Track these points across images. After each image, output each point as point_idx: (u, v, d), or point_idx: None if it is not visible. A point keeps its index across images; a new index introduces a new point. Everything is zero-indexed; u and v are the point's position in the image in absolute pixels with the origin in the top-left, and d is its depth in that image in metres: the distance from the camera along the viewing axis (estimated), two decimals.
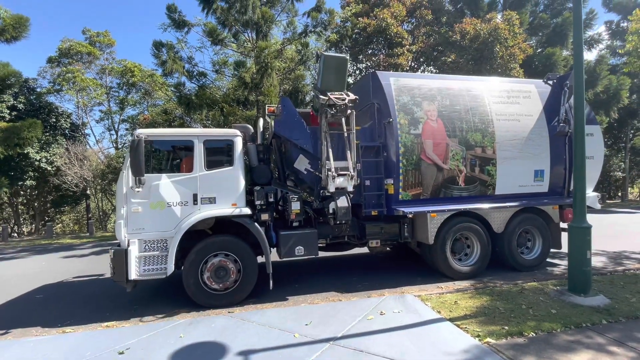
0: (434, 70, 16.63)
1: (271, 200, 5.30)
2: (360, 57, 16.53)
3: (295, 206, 5.24)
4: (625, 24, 22.53)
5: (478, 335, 3.43)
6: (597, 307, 4.08)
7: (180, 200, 4.74)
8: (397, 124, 5.58)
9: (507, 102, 6.28)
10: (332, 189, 5.00)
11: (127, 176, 4.59)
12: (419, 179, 5.69)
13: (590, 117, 6.74)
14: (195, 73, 14.76)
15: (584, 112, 4.72)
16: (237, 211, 4.89)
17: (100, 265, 7.96)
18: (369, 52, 16.25)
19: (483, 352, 3.11)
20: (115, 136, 24.29)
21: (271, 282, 4.89)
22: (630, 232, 9.88)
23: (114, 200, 21.01)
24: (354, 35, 16.01)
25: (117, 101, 23.37)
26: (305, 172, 5.64)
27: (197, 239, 4.85)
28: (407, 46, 15.37)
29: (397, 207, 5.51)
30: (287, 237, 5.14)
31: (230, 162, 5.02)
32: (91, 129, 29.37)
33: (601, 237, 8.32)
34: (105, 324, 4.32)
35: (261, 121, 6.66)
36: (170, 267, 4.57)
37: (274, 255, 5.18)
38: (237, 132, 5.19)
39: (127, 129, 24.39)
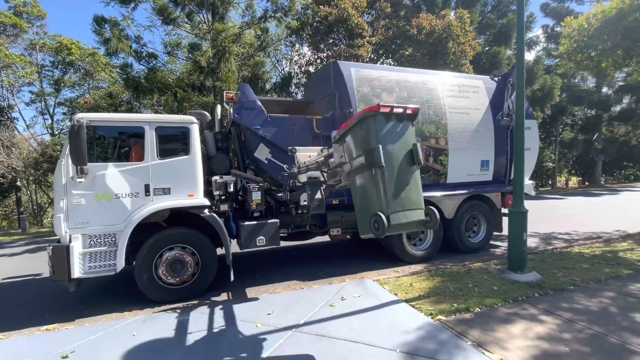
0: (393, 63, 17.09)
1: (231, 190, 5.15)
2: (322, 46, 16.46)
3: (256, 196, 5.15)
4: (559, 29, 24.95)
5: (431, 314, 3.70)
6: (530, 283, 4.59)
7: (131, 192, 4.41)
8: None
9: (459, 96, 6.68)
10: (303, 179, 4.56)
11: (66, 165, 4.17)
12: None
13: (528, 112, 7.41)
14: (144, 54, 13.61)
15: (524, 107, 5.20)
16: (194, 202, 4.68)
17: (36, 264, 7.21)
18: (330, 41, 16.23)
19: (435, 328, 3.36)
20: (50, 121, 21.78)
21: (232, 273, 4.79)
22: (558, 216, 11.17)
23: (51, 193, 18.97)
24: (314, 24, 15.85)
25: (52, 82, 20.82)
26: (266, 162, 5.55)
27: (149, 232, 4.57)
28: (367, 37, 15.58)
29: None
30: (249, 227, 5.05)
31: (186, 151, 4.76)
32: (20, 113, 25.97)
33: (535, 220, 9.29)
34: (45, 327, 3.94)
35: (219, 108, 6.40)
36: (121, 263, 4.27)
37: (234, 247, 5.07)
38: (193, 119, 4.92)
39: (64, 114, 21.85)
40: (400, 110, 3.14)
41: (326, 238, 7.15)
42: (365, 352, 3.01)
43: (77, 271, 4.11)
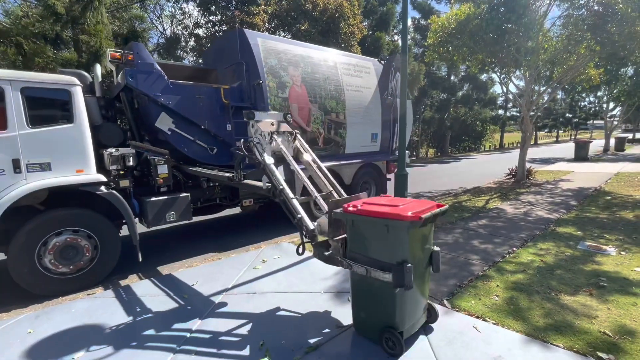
0: (289, 36, 17.14)
1: (130, 164, 4.62)
2: (212, 7, 15.11)
3: (163, 170, 4.76)
4: (424, 22, 29.24)
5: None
6: None
7: None
8: (267, 86, 5.74)
9: (354, 75, 7.43)
10: (268, 153, 3.57)
11: None
12: None
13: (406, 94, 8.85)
14: None
15: (406, 91, 6.28)
16: (87, 179, 4.04)
17: None
18: (222, 4, 15.05)
19: (347, 273, 4.02)
20: None
21: (139, 254, 4.42)
22: (422, 180, 13.86)
23: None
24: None
25: None
26: (169, 133, 5.11)
27: (18, 217, 3.72)
28: (263, 6, 15.10)
29: None
30: (157, 203, 4.67)
31: (68, 119, 3.99)
32: None
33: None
34: None
35: (98, 68, 5.44)
36: None
37: (139, 226, 4.65)
38: (75, 79, 4.10)
39: None
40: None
41: (233, 211, 7.16)
42: (296, 297, 3.42)
43: None
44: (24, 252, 3.69)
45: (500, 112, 39.34)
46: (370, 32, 21.70)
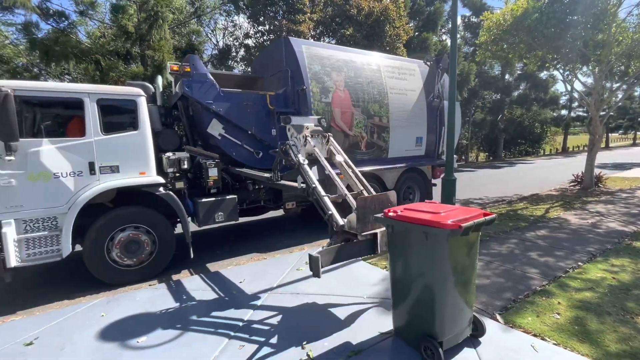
0: (335, 42, 17.33)
1: (185, 167, 4.99)
2: (261, 18, 15.79)
3: (213, 172, 5.08)
4: (475, 19, 27.74)
5: (385, 267, 4.28)
6: None
7: (72, 170, 3.99)
8: (310, 91, 5.86)
9: (398, 78, 7.27)
10: (302, 155, 3.78)
11: None
12: None
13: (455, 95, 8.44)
14: (51, 11, 11.46)
15: (455, 93, 6.01)
16: (148, 180, 4.44)
17: None
18: (270, 14, 15.66)
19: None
20: None
21: (191, 251, 4.75)
22: (473, 185, 13.05)
23: None
24: None
25: None
26: (219, 138, 5.44)
27: (92, 214, 4.20)
28: (309, 14, 15.46)
29: None
30: (207, 204, 4.99)
31: (134, 126, 4.43)
32: None
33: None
34: None
35: (160, 80, 5.96)
36: (67, 248, 3.92)
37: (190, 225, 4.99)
38: (140, 91, 4.55)
39: None
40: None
41: (276, 213, 7.35)
42: (338, 301, 3.44)
43: (12, 260, 3.67)
44: (95, 245, 4.16)
45: (563, 112, 35.72)
46: (416, 34, 21.11)
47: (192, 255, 4.75)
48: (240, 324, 3.10)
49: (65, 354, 2.74)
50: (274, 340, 2.81)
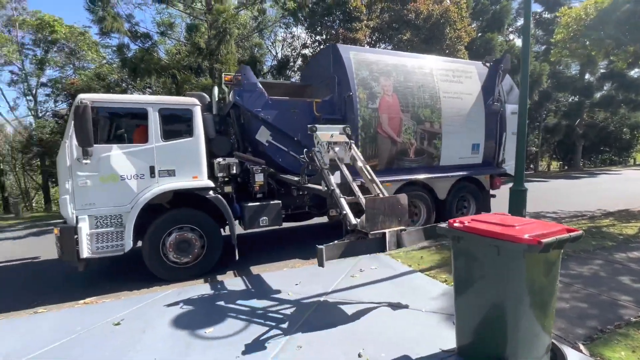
0: (391, 48, 16.94)
1: (234, 172, 5.19)
2: (318, 28, 16.07)
3: (259, 178, 5.20)
4: (548, 15, 25.01)
5: (445, 281, 3.96)
6: None
7: (136, 173, 4.39)
8: (357, 97, 5.71)
9: (453, 81, 6.74)
10: (326, 160, 4.04)
11: (70, 147, 4.13)
12: (376, 151, 5.96)
13: (517, 98, 7.58)
14: (138, 34, 13.09)
15: (527, 94, 5.39)
16: (200, 184, 4.70)
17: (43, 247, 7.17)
18: (328, 24, 15.86)
19: (452, 294, 3.62)
20: (33, 103, 20.80)
21: (236, 253, 4.90)
22: (544, 197, 11.50)
23: (37, 177, 18.38)
24: (312, 5, 15.44)
25: (35, 61, 19.81)
26: (266, 144, 5.57)
27: (151, 214, 4.56)
28: (365, 21, 15.33)
29: (356, 177, 5.78)
30: (252, 208, 5.10)
31: (189, 133, 4.73)
32: (2, 94, 24.73)
33: None
34: (83, 300, 4.01)
35: (216, 90, 6.30)
36: (129, 243, 4.30)
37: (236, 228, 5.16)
38: (196, 100, 4.86)
39: (47, 95, 20.70)
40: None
41: (318, 220, 7.25)
42: (396, 312, 3.29)
43: (85, 251, 4.13)
44: (153, 241, 4.50)
45: None
46: (479, 34, 19.66)
47: (237, 257, 4.88)
48: (298, 324, 3.11)
49: (146, 337, 3.01)
50: (330, 344, 2.77)
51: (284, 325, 3.10)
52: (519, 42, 25.77)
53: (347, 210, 3.59)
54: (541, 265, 2.12)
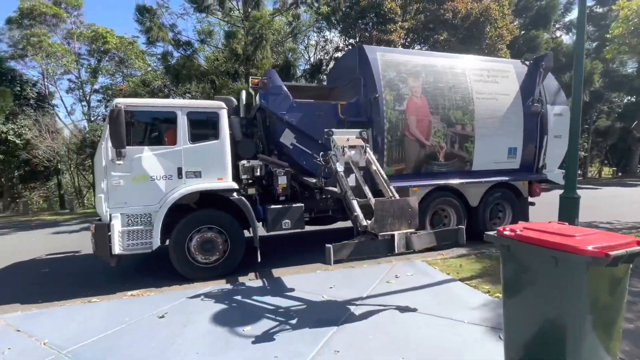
0: (426, 49, 16.43)
1: (257, 174, 5.23)
2: (352, 31, 15.96)
3: (282, 180, 5.19)
4: (600, 10, 22.97)
5: (488, 292, 3.71)
6: None
7: (165, 174, 4.55)
8: (383, 99, 5.52)
9: (487, 81, 6.30)
10: (341, 164, 4.09)
11: (106, 148, 4.37)
12: (403, 154, 5.71)
13: (561, 98, 6.96)
14: (181, 42, 13.83)
15: (581, 94, 4.92)
16: (224, 185, 4.78)
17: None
18: (361, 26, 15.70)
19: (497, 305, 3.35)
20: (87, 108, 22.74)
21: (259, 254, 4.90)
22: (596, 206, 10.38)
23: (89, 176, 19.99)
24: (345, 9, 15.37)
25: (89, 70, 21.65)
26: (291, 147, 5.55)
27: (178, 214, 4.70)
28: (400, 23, 14.98)
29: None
30: (275, 210, 5.08)
31: (215, 136, 4.83)
32: (62, 100, 27.26)
33: None
34: (130, 292, 4.25)
35: (244, 94, 6.43)
36: (156, 242, 4.45)
37: (259, 230, 5.17)
38: (222, 104, 4.96)
39: (99, 101, 22.54)
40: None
41: (342, 224, 7.10)
42: (435, 321, 3.15)
43: (117, 248, 4.33)
44: (178, 241, 4.61)
45: None
46: (522, 32, 18.45)
47: (259, 259, 4.90)
48: (334, 328, 3.06)
49: (188, 331, 3.12)
50: (368, 350, 2.70)
51: (320, 329, 3.05)
52: (567, 39, 23.88)
53: (358, 211, 3.66)
54: (606, 280, 1.91)
